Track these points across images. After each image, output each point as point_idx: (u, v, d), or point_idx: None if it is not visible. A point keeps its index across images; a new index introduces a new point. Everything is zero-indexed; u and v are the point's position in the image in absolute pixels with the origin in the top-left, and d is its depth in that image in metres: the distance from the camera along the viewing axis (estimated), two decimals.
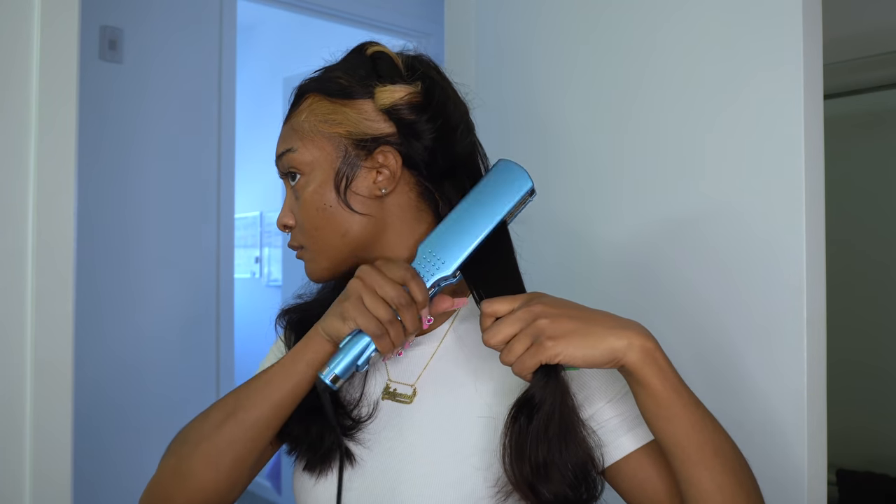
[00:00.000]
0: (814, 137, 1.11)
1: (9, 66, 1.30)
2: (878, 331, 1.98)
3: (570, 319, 0.71)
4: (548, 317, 0.71)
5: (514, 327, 0.72)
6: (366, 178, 0.82)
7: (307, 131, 0.83)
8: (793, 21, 1.10)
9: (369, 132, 0.81)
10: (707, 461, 0.71)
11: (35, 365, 1.29)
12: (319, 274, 0.85)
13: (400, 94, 0.82)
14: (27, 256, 1.30)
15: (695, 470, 0.72)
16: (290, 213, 0.86)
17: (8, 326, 1.28)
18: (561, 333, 0.70)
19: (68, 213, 1.34)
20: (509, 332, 0.72)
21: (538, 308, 0.72)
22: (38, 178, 1.30)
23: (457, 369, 0.84)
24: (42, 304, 1.30)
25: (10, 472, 1.28)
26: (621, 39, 1.35)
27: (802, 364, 1.09)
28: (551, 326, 0.71)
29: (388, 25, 3.28)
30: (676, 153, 1.26)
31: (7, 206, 1.29)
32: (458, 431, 0.81)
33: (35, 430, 1.29)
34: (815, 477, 1.09)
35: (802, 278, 1.09)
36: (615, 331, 0.71)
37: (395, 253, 0.84)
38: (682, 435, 0.71)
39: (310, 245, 0.84)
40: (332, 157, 0.82)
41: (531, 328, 0.71)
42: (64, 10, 1.33)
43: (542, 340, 0.70)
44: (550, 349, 0.70)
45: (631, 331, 0.71)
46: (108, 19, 2.54)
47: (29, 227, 1.30)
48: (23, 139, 1.30)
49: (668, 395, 0.71)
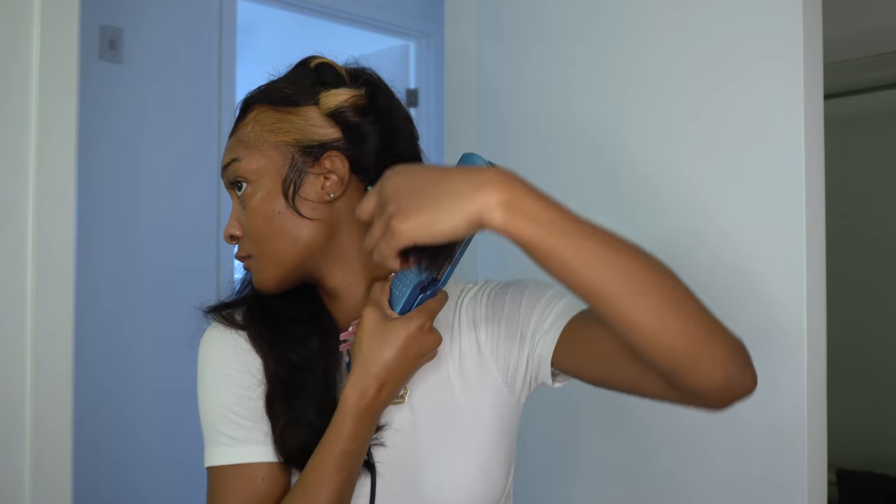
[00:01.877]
0: (814, 137, 1.11)
1: (9, 66, 1.30)
2: (878, 331, 1.98)
3: (417, 196, 0.64)
4: (394, 200, 0.65)
5: (372, 217, 0.70)
6: (314, 184, 0.82)
7: (253, 141, 0.83)
8: (793, 21, 1.10)
9: (315, 138, 0.82)
10: (618, 291, 0.63)
11: (35, 365, 1.29)
12: (268, 283, 0.84)
13: (344, 97, 0.83)
14: (27, 256, 1.30)
15: (608, 305, 0.64)
16: (236, 223, 0.85)
17: (8, 326, 1.28)
18: (408, 213, 0.64)
19: (68, 213, 1.34)
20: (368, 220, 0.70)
21: (387, 191, 0.67)
22: (38, 178, 1.30)
23: (439, 360, 0.87)
24: (42, 304, 1.30)
25: (11, 473, 1.28)
26: (620, 40, 1.35)
27: (802, 364, 1.09)
28: (398, 209, 0.65)
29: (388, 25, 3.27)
30: (676, 155, 1.26)
31: (7, 206, 1.29)
32: (454, 418, 0.85)
33: (35, 430, 1.29)
34: (815, 477, 1.09)
35: (802, 278, 1.09)
36: (466, 196, 0.62)
37: (346, 257, 0.85)
38: (583, 274, 0.63)
39: (259, 254, 0.83)
40: (278, 165, 0.82)
41: (384, 216, 0.67)
42: (64, 10, 1.33)
43: (391, 224, 0.65)
44: (399, 233, 0.64)
45: (485, 188, 0.62)
46: (108, 19, 2.54)
47: (29, 227, 1.30)
48: (23, 139, 1.30)
49: (546, 241, 0.62)
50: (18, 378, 1.29)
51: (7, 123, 1.29)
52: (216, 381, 0.85)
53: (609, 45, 1.37)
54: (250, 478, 0.81)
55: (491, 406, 0.87)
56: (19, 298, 1.29)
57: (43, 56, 1.31)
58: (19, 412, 1.29)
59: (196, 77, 2.78)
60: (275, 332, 0.85)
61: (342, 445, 0.78)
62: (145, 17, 2.63)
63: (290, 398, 0.82)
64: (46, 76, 1.31)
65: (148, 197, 2.64)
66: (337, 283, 0.86)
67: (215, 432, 0.83)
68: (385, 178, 0.69)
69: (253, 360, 0.85)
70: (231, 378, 0.84)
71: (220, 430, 0.83)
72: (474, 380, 0.88)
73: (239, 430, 0.83)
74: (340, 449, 0.77)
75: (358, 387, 0.78)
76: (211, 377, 0.85)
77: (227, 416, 0.83)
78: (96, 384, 2.44)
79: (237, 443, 0.82)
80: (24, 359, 1.29)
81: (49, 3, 1.31)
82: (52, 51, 1.32)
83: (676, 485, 1.25)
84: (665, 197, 1.27)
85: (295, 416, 0.82)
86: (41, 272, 1.30)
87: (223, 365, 0.85)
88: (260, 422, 0.83)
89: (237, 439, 0.82)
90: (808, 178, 1.10)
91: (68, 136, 1.33)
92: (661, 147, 1.28)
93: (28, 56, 1.31)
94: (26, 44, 1.31)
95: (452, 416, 0.86)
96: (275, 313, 0.87)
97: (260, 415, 0.83)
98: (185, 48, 2.75)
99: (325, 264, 0.85)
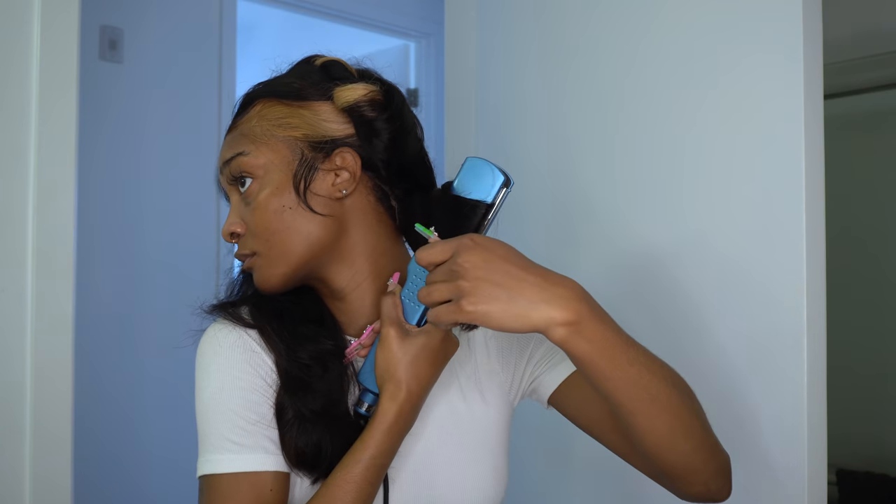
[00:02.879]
0: (814, 137, 1.10)
1: (9, 66, 1.30)
2: (878, 331, 1.98)
3: (494, 286, 0.67)
4: (470, 279, 0.67)
5: (440, 281, 0.70)
6: (324, 181, 0.80)
7: (260, 135, 0.81)
8: (793, 21, 1.10)
9: (328, 134, 0.80)
10: (642, 409, 0.71)
11: (35, 365, 1.29)
12: (273, 281, 0.81)
13: (362, 92, 0.81)
14: (27, 256, 1.30)
15: (629, 417, 0.72)
16: (238, 220, 0.82)
17: (8, 327, 1.28)
18: (481, 299, 0.67)
19: (68, 213, 1.34)
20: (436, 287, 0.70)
21: (464, 265, 0.68)
22: (38, 178, 1.30)
23: (450, 363, 0.87)
24: (42, 305, 1.30)
25: (11, 473, 1.28)
26: (620, 42, 1.35)
27: (802, 364, 1.09)
28: (473, 289, 0.67)
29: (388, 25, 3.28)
30: (676, 154, 1.26)
31: (7, 206, 1.29)
32: (465, 421, 0.85)
33: (35, 430, 1.29)
34: (815, 477, 1.09)
35: (802, 278, 1.09)
36: (538, 307, 0.67)
37: (354, 257, 0.83)
38: (616, 389, 0.70)
39: (266, 251, 0.80)
40: (287, 160, 0.80)
41: (454, 285, 0.68)
42: (64, 10, 1.33)
43: (462, 302, 0.67)
44: (469, 314, 0.67)
45: (556, 305, 0.67)
46: (108, 19, 2.54)
47: (29, 227, 1.30)
48: (23, 139, 1.30)
49: (596, 361, 0.68)
50: (18, 378, 1.29)
51: (7, 123, 1.29)
52: (224, 384, 0.79)
53: (608, 46, 1.37)
54: (258, 486, 0.77)
55: (497, 408, 0.88)
56: (19, 298, 1.29)
57: (43, 56, 1.31)
58: (19, 412, 1.29)
59: (196, 77, 2.78)
60: (288, 329, 0.81)
61: (379, 460, 0.76)
62: (145, 17, 2.63)
63: (302, 398, 0.79)
64: (46, 76, 1.31)
65: (148, 197, 2.64)
66: (345, 284, 0.84)
67: (220, 438, 0.78)
68: (463, 247, 0.69)
69: (263, 361, 0.80)
70: (241, 381, 0.79)
71: (226, 437, 0.78)
72: (485, 383, 0.88)
73: (247, 436, 0.78)
74: (375, 463, 0.76)
75: (395, 403, 0.76)
76: (217, 379, 0.79)
77: (234, 422, 0.78)
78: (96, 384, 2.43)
79: (245, 450, 0.77)
80: (24, 359, 1.29)
81: (49, 3, 1.31)
82: (52, 51, 1.32)
83: None
84: (665, 197, 1.27)
85: (307, 417, 0.78)
86: (41, 272, 1.30)
87: (232, 367, 0.79)
88: (268, 428, 0.79)
89: (245, 446, 0.77)
90: (808, 178, 1.10)
91: (68, 136, 1.33)
92: (660, 147, 1.28)
93: (28, 56, 1.31)
94: (26, 44, 1.31)
95: (464, 419, 0.86)
96: (282, 311, 0.83)
97: (269, 420, 0.79)
98: (185, 48, 2.75)
99: (333, 264, 0.83)
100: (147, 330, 2.60)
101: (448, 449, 0.84)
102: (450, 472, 0.84)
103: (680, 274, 1.24)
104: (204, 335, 0.83)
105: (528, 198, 1.45)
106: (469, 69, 1.64)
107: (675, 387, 0.73)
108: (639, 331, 1.25)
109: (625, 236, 1.33)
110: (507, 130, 1.55)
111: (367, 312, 0.85)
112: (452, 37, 1.71)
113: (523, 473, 1.43)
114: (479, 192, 0.77)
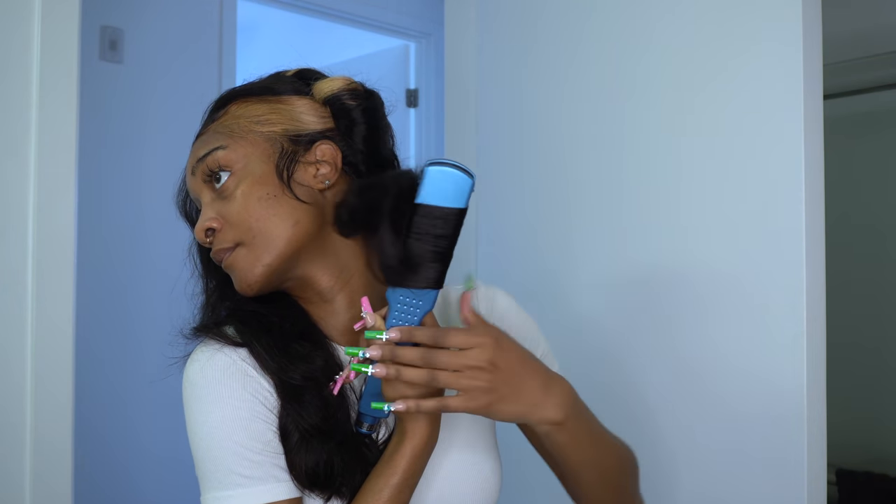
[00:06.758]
0: (814, 137, 1.11)
1: (9, 66, 1.30)
2: (877, 331, 1.98)
3: (505, 385, 0.73)
4: (496, 380, 0.72)
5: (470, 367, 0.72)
6: (306, 172, 0.79)
7: (237, 131, 0.80)
8: (793, 21, 1.10)
9: (307, 127, 0.80)
10: (588, 479, 0.83)
11: (35, 365, 1.29)
12: (258, 273, 0.77)
13: (340, 84, 0.82)
14: (27, 257, 1.30)
15: (574, 477, 0.83)
16: (213, 216, 0.79)
17: (8, 328, 1.28)
18: (496, 399, 0.72)
19: (68, 213, 1.34)
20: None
21: (503, 360, 0.73)
22: (38, 178, 1.30)
23: None
24: (42, 305, 1.30)
25: (11, 473, 1.28)
26: (620, 41, 1.35)
27: (802, 364, 1.09)
28: (492, 388, 0.72)
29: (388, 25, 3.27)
30: (676, 154, 1.26)
31: (7, 207, 1.29)
32: (467, 420, 0.85)
33: (35, 432, 1.29)
34: (815, 477, 1.09)
35: (802, 278, 1.09)
36: (536, 408, 0.75)
37: (338, 253, 0.81)
38: (569, 457, 0.80)
39: (249, 239, 0.77)
40: (268, 153, 0.79)
41: (481, 380, 0.71)
42: (64, 10, 1.33)
43: (477, 394, 0.72)
44: (481, 409, 0.73)
45: (550, 409, 0.75)
46: (108, 19, 2.54)
47: (29, 228, 1.30)
48: (23, 139, 1.30)
49: (565, 441, 0.78)
50: (18, 379, 1.29)
51: (7, 123, 1.29)
52: (224, 416, 0.74)
53: (608, 46, 1.37)
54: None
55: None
56: (19, 298, 1.29)
57: (43, 56, 1.31)
58: (19, 413, 1.29)
59: (196, 77, 2.77)
60: (279, 346, 0.78)
61: (410, 480, 0.76)
62: (145, 17, 2.63)
63: (303, 415, 0.76)
64: (46, 76, 1.31)
65: (148, 197, 2.64)
66: (332, 284, 0.81)
67: (227, 473, 0.74)
68: (503, 346, 0.73)
69: (260, 385, 0.76)
70: (241, 410, 0.75)
71: (234, 471, 0.74)
72: None
73: (256, 467, 0.74)
74: (407, 486, 0.76)
75: (419, 430, 0.75)
76: (217, 411, 0.75)
77: (241, 454, 0.74)
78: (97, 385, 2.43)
79: (255, 482, 0.74)
80: (24, 359, 1.29)
81: (49, 3, 1.31)
82: (52, 51, 1.32)
83: (676, 484, 1.25)
84: (665, 197, 1.27)
85: (313, 434, 0.75)
86: (41, 272, 1.30)
87: (231, 396, 0.75)
88: (275, 455, 0.75)
89: (254, 478, 0.74)
90: (808, 178, 1.10)
91: (68, 136, 1.33)
92: (661, 147, 1.28)
93: (28, 56, 1.31)
94: (26, 44, 1.31)
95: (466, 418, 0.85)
96: (270, 326, 0.79)
97: (275, 447, 0.75)
98: (185, 48, 2.75)
99: (318, 259, 0.80)
100: (147, 330, 2.60)
101: (451, 449, 0.84)
102: (452, 471, 0.84)
103: (680, 273, 1.24)
104: (190, 361, 0.78)
105: (527, 197, 1.45)
106: (469, 69, 1.64)
107: (620, 462, 0.86)
108: (639, 329, 1.26)
109: (625, 235, 1.33)
110: (507, 130, 1.55)
111: (355, 315, 0.81)
112: (452, 37, 1.71)
113: (520, 473, 1.43)
114: (452, 199, 0.73)
